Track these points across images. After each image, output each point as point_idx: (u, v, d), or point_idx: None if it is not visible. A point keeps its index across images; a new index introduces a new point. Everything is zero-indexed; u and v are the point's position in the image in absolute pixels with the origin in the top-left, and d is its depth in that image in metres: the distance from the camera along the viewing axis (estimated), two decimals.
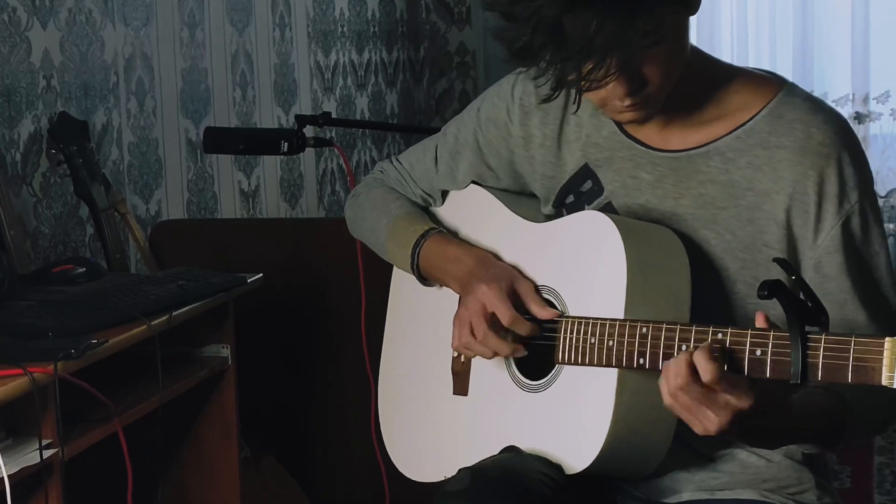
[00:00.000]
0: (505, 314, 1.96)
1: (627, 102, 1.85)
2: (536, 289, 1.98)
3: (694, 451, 1.96)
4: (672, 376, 1.71)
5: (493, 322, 1.97)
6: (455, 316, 2.03)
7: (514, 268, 2.02)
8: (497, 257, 2.06)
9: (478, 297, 1.98)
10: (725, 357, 1.71)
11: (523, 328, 1.96)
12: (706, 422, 1.72)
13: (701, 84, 1.92)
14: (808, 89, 1.97)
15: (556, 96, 1.85)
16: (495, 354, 1.99)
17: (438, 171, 2.18)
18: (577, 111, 1.98)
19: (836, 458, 3.27)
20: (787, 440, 1.89)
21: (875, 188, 1.95)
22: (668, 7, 1.78)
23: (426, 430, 2.15)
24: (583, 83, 1.78)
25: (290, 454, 3.25)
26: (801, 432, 1.86)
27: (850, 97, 5.15)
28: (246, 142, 3.19)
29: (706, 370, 1.69)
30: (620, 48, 1.74)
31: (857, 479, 3.40)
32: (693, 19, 1.87)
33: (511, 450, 1.96)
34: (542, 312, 1.95)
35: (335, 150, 4.02)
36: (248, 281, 2.76)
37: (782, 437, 1.86)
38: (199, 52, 3.73)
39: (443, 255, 2.09)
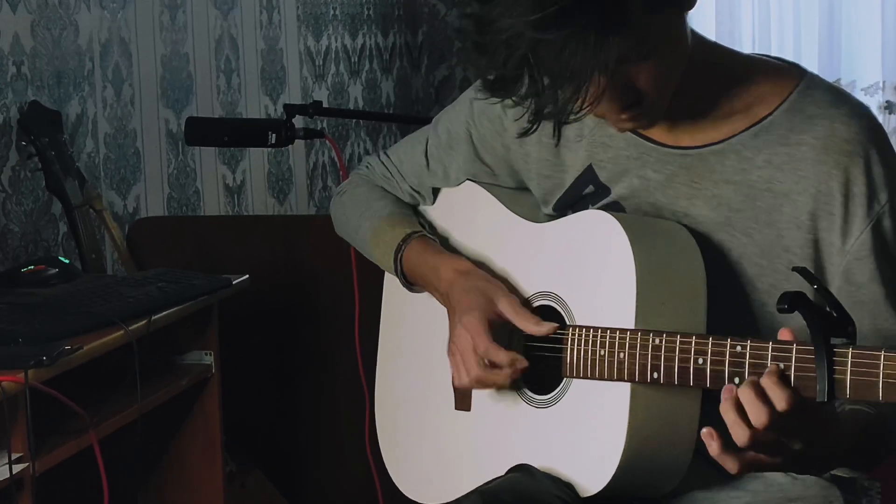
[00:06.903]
0: (490, 352, 1.94)
1: (625, 116, 1.83)
2: (525, 301, 1.97)
3: (715, 468, 1.95)
4: (752, 415, 1.65)
5: (482, 360, 1.96)
6: (448, 351, 2.02)
7: (502, 279, 2.00)
8: (485, 266, 2.04)
9: (463, 332, 1.97)
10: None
11: (505, 357, 1.94)
12: (782, 453, 1.69)
13: (712, 77, 1.90)
14: (835, 77, 1.97)
15: (534, 131, 1.83)
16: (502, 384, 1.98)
17: (430, 167, 2.17)
18: (557, 144, 1.97)
19: (866, 474, 3.27)
20: (836, 464, 1.89)
21: None
22: (652, 16, 1.73)
23: (428, 448, 2.15)
24: (559, 115, 1.76)
25: (278, 469, 3.25)
26: (845, 456, 1.86)
27: (881, 85, 5.13)
28: (231, 133, 3.19)
29: (781, 398, 1.64)
30: (597, 72, 1.70)
31: (888, 496, 3.39)
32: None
33: (520, 469, 1.95)
34: (536, 329, 1.93)
35: (327, 141, 4.01)
36: (234, 283, 2.77)
37: (836, 461, 1.86)
38: (181, 37, 3.73)
39: (423, 262, 2.09)
